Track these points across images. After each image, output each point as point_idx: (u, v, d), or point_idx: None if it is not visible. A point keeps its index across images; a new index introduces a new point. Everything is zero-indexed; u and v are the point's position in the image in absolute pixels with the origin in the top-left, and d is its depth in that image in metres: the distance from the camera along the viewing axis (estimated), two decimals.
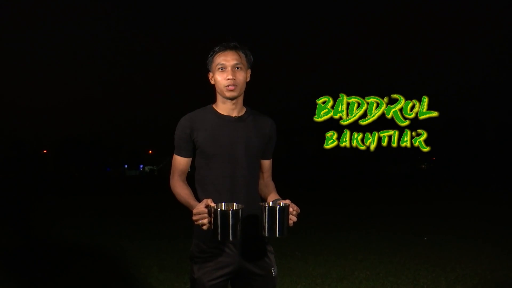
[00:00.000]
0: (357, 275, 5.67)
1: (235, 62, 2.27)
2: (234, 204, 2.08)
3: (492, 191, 22.25)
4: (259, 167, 2.45)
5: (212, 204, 2.00)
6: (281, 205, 2.03)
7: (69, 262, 6.67)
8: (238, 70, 2.29)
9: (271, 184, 2.49)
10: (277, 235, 2.00)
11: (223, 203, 2.07)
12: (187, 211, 2.37)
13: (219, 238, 1.95)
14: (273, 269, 2.36)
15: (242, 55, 2.31)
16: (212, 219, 1.96)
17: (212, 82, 2.35)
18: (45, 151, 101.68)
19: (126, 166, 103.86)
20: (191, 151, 2.35)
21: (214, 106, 2.39)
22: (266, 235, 2.02)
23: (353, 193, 22.44)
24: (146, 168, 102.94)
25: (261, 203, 2.07)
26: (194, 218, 2.02)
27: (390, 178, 45.81)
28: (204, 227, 2.00)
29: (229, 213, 1.93)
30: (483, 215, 11.61)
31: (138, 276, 5.76)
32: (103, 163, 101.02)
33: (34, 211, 14.68)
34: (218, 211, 1.94)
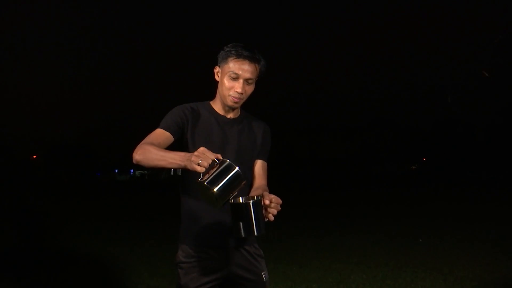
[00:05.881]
0: (353, 279, 5.55)
1: (249, 75, 2.13)
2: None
3: (484, 191, 22.24)
4: (251, 171, 2.31)
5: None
6: (255, 199, 1.82)
7: (58, 267, 6.50)
8: (249, 84, 2.17)
9: (262, 189, 2.16)
10: (256, 233, 1.78)
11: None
12: (179, 216, 2.23)
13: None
14: (263, 274, 2.25)
15: (258, 67, 2.17)
16: (218, 171, 1.72)
17: (217, 78, 2.22)
18: (34, 156, 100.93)
19: (116, 171, 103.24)
20: (176, 133, 2.13)
21: (211, 103, 2.28)
22: (243, 235, 1.80)
23: (341, 195, 22.28)
24: (137, 172, 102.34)
25: (230, 201, 1.79)
26: (195, 154, 1.72)
27: (378, 179, 45.86)
28: (199, 170, 1.69)
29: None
30: (476, 215, 11.53)
31: (129, 283, 5.61)
32: (93, 168, 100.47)
33: (24, 217, 14.47)
34: (230, 165, 1.72)
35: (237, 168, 1.74)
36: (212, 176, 1.71)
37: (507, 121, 68.52)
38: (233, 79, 2.14)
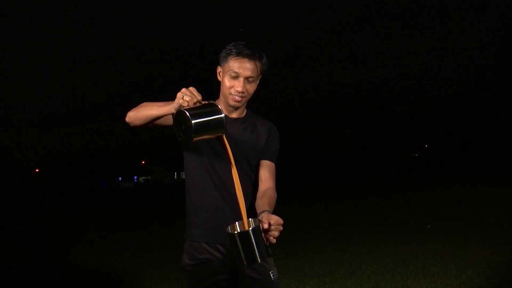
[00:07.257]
0: (365, 269, 5.56)
1: (249, 74, 2.10)
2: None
3: (487, 174, 22.20)
4: (255, 172, 2.25)
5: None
6: (253, 225, 1.75)
7: (71, 277, 6.52)
8: (250, 82, 2.13)
9: (268, 195, 2.12)
10: (259, 261, 1.70)
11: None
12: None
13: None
14: (271, 273, 2.20)
15: (259, 65, 2.13)
16: (203, 109, 1.73)
17: (219, 78, 2.19)
18: (37, 170, 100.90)
19: (120, 178, 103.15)
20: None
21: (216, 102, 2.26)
22: (246, 264, 1.73)
23: (346, 187, 22.28)
24: (141, 179, 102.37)
25: (227, 228, 1.75)
26: (182, 90, 1.78)
27: (381, 168, 45.75)
28: (181, 102, 1.75)
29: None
30: (481, 199, 11.52)
31: None
32: (96, 177, 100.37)
33: (32, 229, 14.47)
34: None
35: (223, 114, 1.76)
36: (196, 110, 1.72)
37: (507, 103, 68.35)
38: (233, 78, 2.10)
